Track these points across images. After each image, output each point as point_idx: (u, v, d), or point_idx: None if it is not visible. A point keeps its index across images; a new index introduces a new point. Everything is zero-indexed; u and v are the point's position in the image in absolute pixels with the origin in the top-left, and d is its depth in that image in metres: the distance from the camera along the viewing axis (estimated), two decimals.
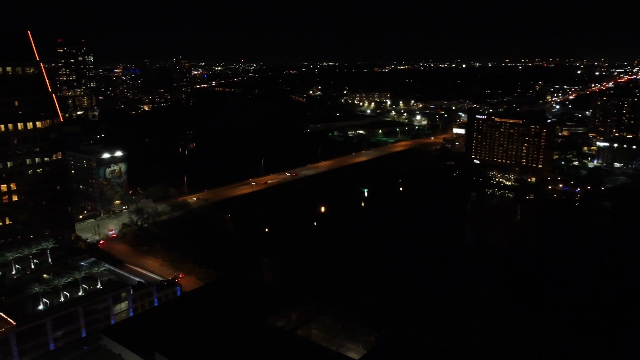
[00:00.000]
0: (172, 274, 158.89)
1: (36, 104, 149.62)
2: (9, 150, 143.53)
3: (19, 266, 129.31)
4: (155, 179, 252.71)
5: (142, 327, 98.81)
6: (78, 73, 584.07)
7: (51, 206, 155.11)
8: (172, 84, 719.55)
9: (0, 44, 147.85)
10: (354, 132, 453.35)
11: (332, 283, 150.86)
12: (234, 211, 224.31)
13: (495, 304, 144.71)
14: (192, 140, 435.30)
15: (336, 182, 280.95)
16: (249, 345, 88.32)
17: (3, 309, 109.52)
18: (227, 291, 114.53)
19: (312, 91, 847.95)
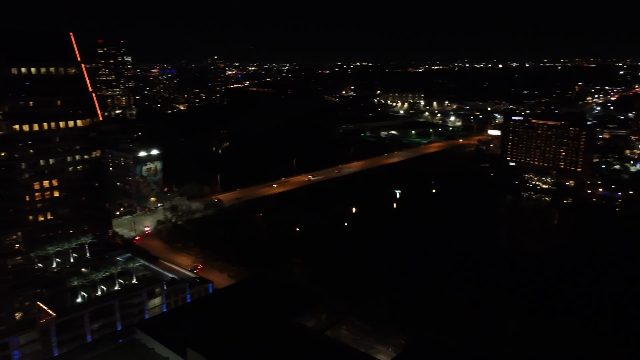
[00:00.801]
0: (192, 265, 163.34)
1: (77, 103, 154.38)
2: (51, 147, 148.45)
3: (59, 260, 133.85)
4: (189, 177, 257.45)
5: (175, 323, 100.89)
6: (117, 73, 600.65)
7: (90, 202, 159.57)
8: (207, 83, 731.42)
9: (44, 46, 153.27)
10: (386, 133, 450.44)
11: (362, 284, 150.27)
12: (265, 210, 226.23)
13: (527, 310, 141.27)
14: (225, 140, 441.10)
15: (368, 183, 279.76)
16: (279, 345, 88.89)
17: (44, 301, 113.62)
18: (258, 289, 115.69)
19: (345, 91, 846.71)
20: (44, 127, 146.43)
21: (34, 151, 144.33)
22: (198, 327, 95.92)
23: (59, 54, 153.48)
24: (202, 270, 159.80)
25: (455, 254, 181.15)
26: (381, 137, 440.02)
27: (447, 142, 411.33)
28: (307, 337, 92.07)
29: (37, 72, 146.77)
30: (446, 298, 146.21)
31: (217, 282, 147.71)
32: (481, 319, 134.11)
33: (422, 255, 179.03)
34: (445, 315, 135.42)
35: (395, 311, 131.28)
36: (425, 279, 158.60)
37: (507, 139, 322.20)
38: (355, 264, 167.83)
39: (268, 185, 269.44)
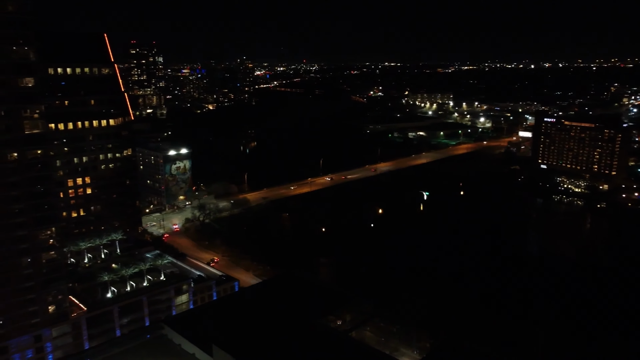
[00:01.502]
0: (209, 258, 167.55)
1: (110, 102, 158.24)
2: (85, 145, 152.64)
3: (91, 255, 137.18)
4: (217, 176, 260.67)
5: (202, 320, 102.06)
6: (148, 73, 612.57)
7: (121, 200, 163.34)
8: (236, 83, 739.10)
9: (79, 47, 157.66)
10: (414, 134, 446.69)
11: (387, 286, 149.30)
12: (292, 210, 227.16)
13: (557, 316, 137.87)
14: (253, 139, 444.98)
15: (395, 184, 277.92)
16: (304, 344, 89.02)
17: (76, 295, 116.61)
18: (284, 289, 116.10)
19: (373, 91, 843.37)
20: (78, 125, 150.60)
21: (68, 149, 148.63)
22: (224, 325, 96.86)
23: (94, 55, 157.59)
24: (229, 268, 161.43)
25: (483, 258, 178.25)
26: (409, 138, 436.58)
27: (476, 143, 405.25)
28: (332, 337, 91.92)
29: (72, 72, 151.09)
30: (474, 302, 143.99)
31: (243, 280, 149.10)
32: (510, 325, 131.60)
33: (449, 258, 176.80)
34: (473, 319, 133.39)
35: (421, 314, 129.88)
36: (453, 282, 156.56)
37: (539, 141, 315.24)
38: (380, 265, 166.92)
39: (295, 185, 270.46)
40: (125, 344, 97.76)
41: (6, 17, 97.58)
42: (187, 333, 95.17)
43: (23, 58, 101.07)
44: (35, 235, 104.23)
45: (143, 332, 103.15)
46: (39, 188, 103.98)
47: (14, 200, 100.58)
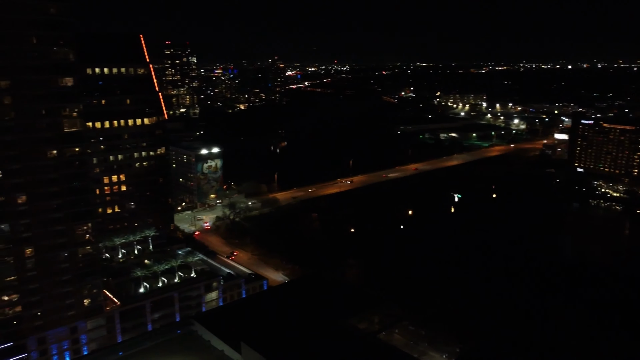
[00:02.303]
0: (229, 251, 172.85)
1: (145, 102, 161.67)
2: (120, 144, 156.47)
3: (125, 251, 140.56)
4: (247, 175, 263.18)
5: (231, 317, 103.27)
6: (182, 73, 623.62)
7: (154, 197, 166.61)
8: (267, 84, 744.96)
9: (116, 47, 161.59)
10: (446, 135, 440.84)
11: (416, 289, 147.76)
12: (321, 210, 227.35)
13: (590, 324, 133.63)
14: (283, 139, 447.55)
15: (426, 186, 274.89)
16: (331, 345, 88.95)
17: (110, 290, 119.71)
18: (312, 289, 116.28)
19: (404, 92, 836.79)
20: (114, 124, 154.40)
21: (104, 147, 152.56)
22: (252, 323, 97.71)
23: (130, 55, 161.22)
24: (258, 267, 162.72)
25: (516, 262, 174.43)
26: (440, 139, 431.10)
27: (510, 145, 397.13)
28: (360, 339, 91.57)
29: (109, 73, 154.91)
30: (505, 307, 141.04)
31: (271, 279, 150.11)
32: (541, 331, 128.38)
33: (481, 262, 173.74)
34: (504, 324, 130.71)
35: (451, 318, 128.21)
36: (485, 286, 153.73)
37: (576, 143, 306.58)
38: (410, 268, 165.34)
39: (324, 185, 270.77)
40: (157, 338, 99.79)
41: (48, 19, 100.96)
42: (216, 330, 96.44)
43: (63, 58, 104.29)
44: (72, 230, 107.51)
45: (173, 328, 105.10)
46: (76, 184, 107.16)
47: (52, 196, 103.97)
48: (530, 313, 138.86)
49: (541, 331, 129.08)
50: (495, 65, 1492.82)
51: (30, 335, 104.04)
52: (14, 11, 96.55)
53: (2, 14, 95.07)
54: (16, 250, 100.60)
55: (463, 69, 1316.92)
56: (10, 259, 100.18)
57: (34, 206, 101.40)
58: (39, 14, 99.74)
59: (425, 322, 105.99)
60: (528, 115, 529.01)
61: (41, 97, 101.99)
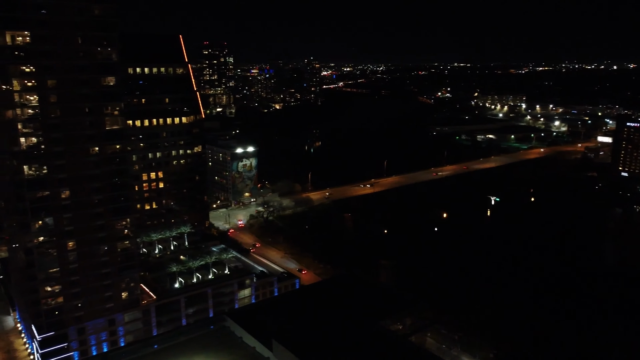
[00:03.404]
0: (253, 243, 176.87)
1: (183, 101, 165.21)
2: (159, 142, 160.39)
3: (161, 246, 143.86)
4: (281, 174, 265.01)
5: (263, 314, 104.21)
6: (219, 73, 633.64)
7: (190, 195, 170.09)
8: (303, 83, 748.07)
9: (156, 47, 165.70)
10: (483, 137, 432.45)
11: (450, 292, 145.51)
12: (354, 210, 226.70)
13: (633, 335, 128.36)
14: (318, 139, 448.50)
15: (461, 188, 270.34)
16: (362, 346, 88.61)
17: (146, 284, 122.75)
18: (344, 289, 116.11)
19: (441, 93, 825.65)
20: (153, 123, 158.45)
21: (144, 145, 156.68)
22: (284, 321, 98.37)
23: (170, 56, 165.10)
24: (290, 266, 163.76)
25: (554, 268, 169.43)
26: (477, 141, 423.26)
27: (549, 148, 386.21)
28: (391, 341, 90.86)
29: (149, 72, 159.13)
30: (542, 314, 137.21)
31: (303, 278, 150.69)
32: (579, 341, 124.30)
33: (518, 267, 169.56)
34: (540, 332, 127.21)
35: (485, 322, 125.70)
36: (521, 292, 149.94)
37: (620, 146, 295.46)
38: (444, 271, 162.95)
39: (358, 185, 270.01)
40: (190, 333, 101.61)
41: (93, 20, 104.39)
42: (248, 326, 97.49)
43: (106, 58, 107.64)
44: (112, 225, 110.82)
45: (207, 323, 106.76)
46: (116, 181, 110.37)
47: (94, 192, 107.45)
48: (568, 320, 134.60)
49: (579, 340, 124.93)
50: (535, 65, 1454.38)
51: (71, 326, 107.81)
52: (61, 13, 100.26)
53: (49, 16, 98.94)
54: (59, 243, 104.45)
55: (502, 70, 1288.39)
56: (53, 252, 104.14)
57: (77, 201, 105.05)
58: (84, 15, 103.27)
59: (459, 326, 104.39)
60: (570, 117, 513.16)
61: (85, 96, 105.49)
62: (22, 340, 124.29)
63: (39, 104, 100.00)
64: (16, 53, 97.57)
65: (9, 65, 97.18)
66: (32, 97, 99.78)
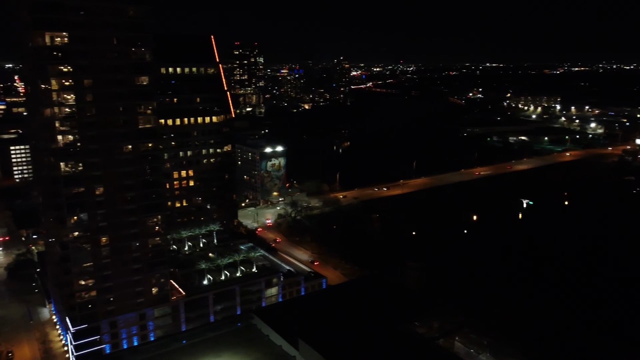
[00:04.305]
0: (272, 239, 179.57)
1: (213, 100, 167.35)
2: (190, 140, 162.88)
3: (190, 243, 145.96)
4: (310, 174, 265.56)
5: (290, 313, 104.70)
6: (249, 73, 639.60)
7: (220, 193, 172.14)
8: (332, 84, 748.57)
9: (189, 48, 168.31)
10: (515, 138, 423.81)
11: (479, 296, 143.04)
12: (382, 211, 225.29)
13: None
14: (346, 139, 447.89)
15: (492, 190, 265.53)
16: (389, 348, 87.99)
17: (176, 280, 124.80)
18: (371, 290, 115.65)
19: (472, 93, 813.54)
20: (184, 122, 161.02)
21: (175, 143, 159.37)
22: (310, 321, 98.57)
23: (201, 56, 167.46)
24: (317, 265, 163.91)
25: (588, 275, 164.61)
26: (509, 143, 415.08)
27: (585, 150, 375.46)
28: (418, 344, 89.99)
29: (181, 72, 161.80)
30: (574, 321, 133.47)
31: (330, 278, 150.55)
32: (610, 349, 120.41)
33: (549, 272, 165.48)
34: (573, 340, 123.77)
35: (516, 328, 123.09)
36: (554, 298, 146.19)
37: None
38: (473, 274, 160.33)
39: (387, 186, 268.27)
40: (218, 329, 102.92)
41: (127, 21, 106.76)
42: (275, 325, 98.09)
43: (140, 58, 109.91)
44: (143, 221, 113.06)
45: (234, 320, 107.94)
46: (148, 178, 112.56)
47: (127, 189, 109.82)
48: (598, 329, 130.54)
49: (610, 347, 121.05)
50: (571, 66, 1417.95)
51: (103, 319, 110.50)
52: (98, 14, 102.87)
53: (87, 17, 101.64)
54: (93, 238, 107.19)
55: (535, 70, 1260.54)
56: (87, 246, 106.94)
57: (110, 197, 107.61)
58: (119, 16, 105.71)
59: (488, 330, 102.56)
60: (606, 119, 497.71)
61: (119, 95, 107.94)
62: (56, 331, 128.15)
63: (76, 102, 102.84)
64: (55, 53, 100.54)
65: (48, 65, 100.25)
66: (69, 96, 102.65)
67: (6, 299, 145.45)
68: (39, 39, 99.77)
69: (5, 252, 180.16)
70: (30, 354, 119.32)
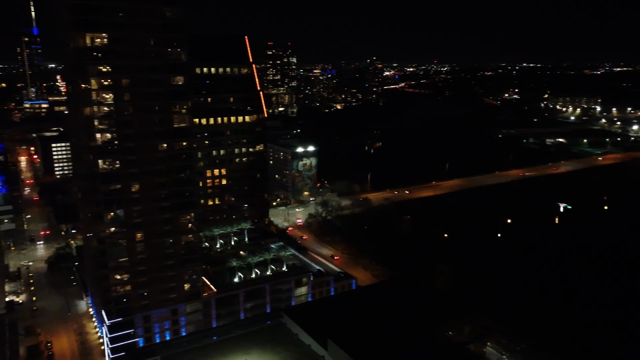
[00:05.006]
0: (301, 235, 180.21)
1: (246, 100, 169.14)
2: (223, 140, 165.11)
3: (222, 241, 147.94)
4: (341, 174, 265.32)
5: (319, 313, 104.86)
6: (282, 73, 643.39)
7: (251, 192, 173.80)
8: (364, 84, 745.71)
9: (223, 48, 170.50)
10: (552, 140, 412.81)
11: (511, 301, 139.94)
12: (414, 213, 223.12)
13: None
14: (378, 140, 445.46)
15: (527, 193, 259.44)
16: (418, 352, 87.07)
17: (208, 277, 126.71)
18: (401, 292, 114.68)
19: (508, 94, 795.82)
20: (217, 121, 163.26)
21: (208, 142, 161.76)
22: (340, 321, 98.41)
23: (235, 56, 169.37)
24: (347, 266, 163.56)
25: (627, 282, 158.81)
26: (546, 145, 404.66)
27: (626, 154, 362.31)
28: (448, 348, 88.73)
29: (216, 72, 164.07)
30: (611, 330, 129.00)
31: (360, 279, 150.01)
32: None
33: (585, 279, 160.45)
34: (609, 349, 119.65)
35: (550, 335, 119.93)
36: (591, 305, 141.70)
37: None
38: (506, 279, 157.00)
39: (419, 187, 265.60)
40: (248, 327, 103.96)
41: (164, 22, 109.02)
42: (304, 324, 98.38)
43: (176, 59, 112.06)
44: (177, 218, 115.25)
45: (264, 319, 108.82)
46: (182, 176, 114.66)
47: (161, 186, 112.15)
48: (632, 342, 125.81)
49: None
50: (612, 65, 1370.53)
51: (137, 313, 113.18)
52: (136, 16, 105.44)
53: (125, 19, 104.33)
54: (128, 234, 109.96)
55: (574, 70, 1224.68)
56: (123, 242, 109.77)
57: (145, 194, 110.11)
58: (156, 17, 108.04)
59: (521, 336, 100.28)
60: None
61: (156, 95, 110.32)
62: (93, 323, 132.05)
63: (114, 101, 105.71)
64: (94, 54, 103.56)
65: (88, 65, 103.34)
66: (108, 95, 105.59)
67: (46, 291, 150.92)
68: (80, 40, 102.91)
69: (46, 246, 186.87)
70: (68, 345, 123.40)
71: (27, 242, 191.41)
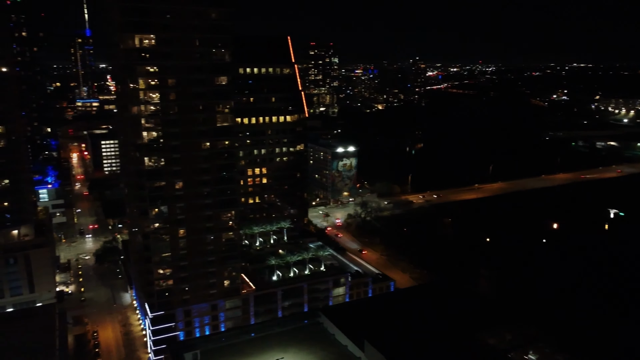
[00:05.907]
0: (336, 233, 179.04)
1: (288, 100, 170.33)
2: (264, 139, 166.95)
3: (262, 239, 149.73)
4: (381, 175, 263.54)
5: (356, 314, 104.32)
6: (324, 73, 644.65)
7: (291, 191, 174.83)
8: (407, 84, 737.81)
9: (266, 49, 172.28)
10: (603, 143, 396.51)
11: (556, 309, 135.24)
12: (455, 215, 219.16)
13: None
14: (420, 141, 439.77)
15: (576, 198, 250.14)
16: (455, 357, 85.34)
17: (247, 274, 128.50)
18: (440, 296, 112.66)
19: (556, 95, 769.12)
20: (259, 120, 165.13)
21: (249, 142, 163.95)
22: (377, 323, 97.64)
23: (277, 56, 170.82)
24: (386, 268, 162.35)
25: None
26: (596, 148, 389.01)
27: None
28: (488, 355, 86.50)
29: (258, 72, 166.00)
30: None
31: (399, 281, 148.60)
32: None
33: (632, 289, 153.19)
34: None
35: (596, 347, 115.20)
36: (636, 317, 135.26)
37: None
38: (550, 285, 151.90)
39: (461, 190, 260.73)
40: (285, 325, 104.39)
41: (210, 23, 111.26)
42: (341, 325, 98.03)
43: (220, 59, 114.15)
44: (218, 216, 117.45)
45: (301, 317, 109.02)
46: (224, 175, 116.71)
47: (204, 184, 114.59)
48: None
49: None
50: None
51: (178, 307, 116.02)
52: (182, 17, 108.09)
53: (172, 20, 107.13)
54: (172, 230, 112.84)
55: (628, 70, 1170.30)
56: (166, 237, 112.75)
57: (188, 192, 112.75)
58: (202, 19, 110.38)
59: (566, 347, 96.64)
60: None
61: (200, 94, 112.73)
62: (136, 316, 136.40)
63: (160, 101, 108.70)
64: (142, 54, 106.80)
65: (137, 65, 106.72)
66: (154, 94, 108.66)
67: (94, 283, 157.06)
68: (129, 41, 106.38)
69: (94, 239, 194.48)
70: (113, 335, 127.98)
71: (77, 235, 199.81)
